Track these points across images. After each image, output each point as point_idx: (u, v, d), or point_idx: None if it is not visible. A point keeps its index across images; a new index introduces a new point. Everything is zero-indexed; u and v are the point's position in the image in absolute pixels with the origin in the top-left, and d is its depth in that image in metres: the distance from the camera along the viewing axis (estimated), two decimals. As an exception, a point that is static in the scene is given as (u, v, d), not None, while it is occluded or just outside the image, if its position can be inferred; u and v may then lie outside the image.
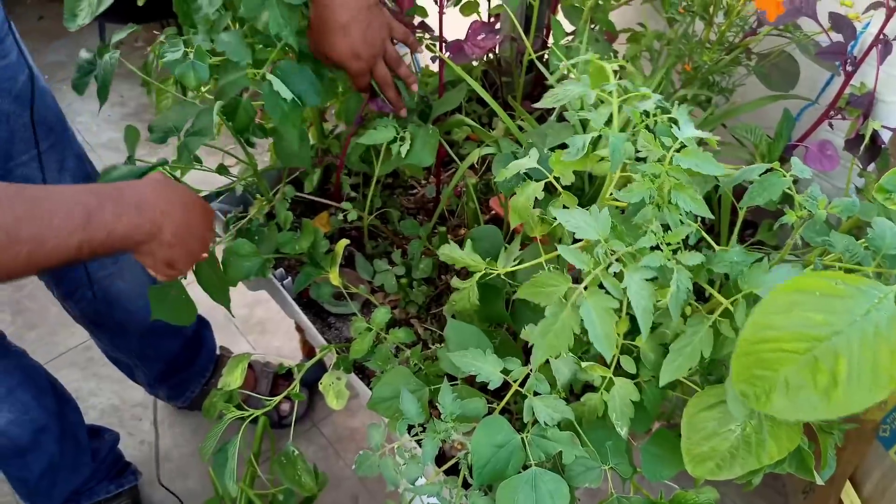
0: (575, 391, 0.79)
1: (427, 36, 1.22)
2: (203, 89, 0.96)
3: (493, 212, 1.12)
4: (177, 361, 1.46)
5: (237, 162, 1.01)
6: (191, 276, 0.86)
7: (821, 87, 1.14)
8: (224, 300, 0.93)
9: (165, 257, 0.74)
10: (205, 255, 0.82)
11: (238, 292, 1.78)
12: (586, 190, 0.92)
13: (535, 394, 0.69)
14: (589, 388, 0.73)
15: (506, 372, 0.69)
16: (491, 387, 0.68)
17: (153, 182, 0.75)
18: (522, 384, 0.70)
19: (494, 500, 0.64)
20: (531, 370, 0.69)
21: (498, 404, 0.73)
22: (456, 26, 1.12)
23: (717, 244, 0.72)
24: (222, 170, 0.93)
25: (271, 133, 0.95)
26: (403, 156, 0.93)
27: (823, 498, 1.10)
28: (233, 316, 1.08)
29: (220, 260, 0.92)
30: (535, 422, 0.68)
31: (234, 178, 1.01)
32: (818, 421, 0.86)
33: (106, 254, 0.68)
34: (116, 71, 0.87)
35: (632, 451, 0.77)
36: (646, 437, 0.78)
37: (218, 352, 1.57)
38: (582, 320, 0.58)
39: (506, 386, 0.70)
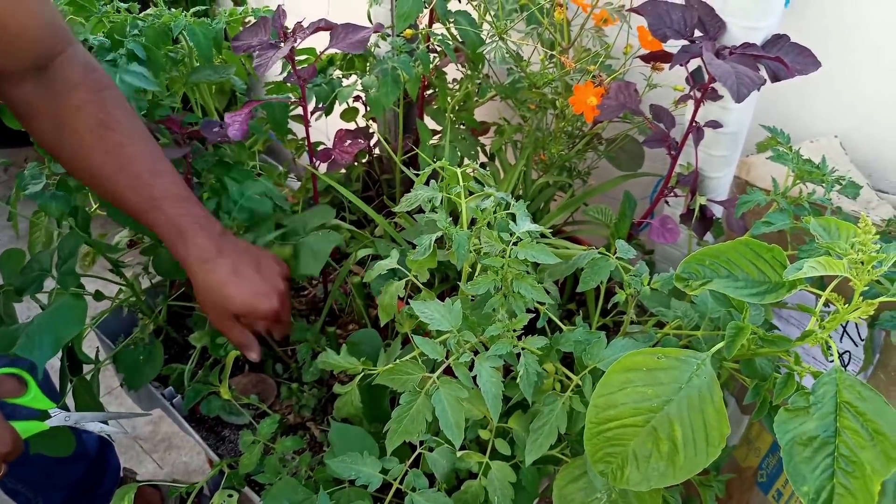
0: (461, 476, 0.82)
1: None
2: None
3: (381, 307, 1.16)
4: (79, 488, 1.40)
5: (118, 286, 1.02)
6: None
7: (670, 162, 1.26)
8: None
9: None
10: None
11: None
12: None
13: (415, 489, 0.71)
14: (473, 475, 0.76)
15: (385, 471, 0.72)
16: (371, 489, 0.71)
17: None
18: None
19: None
20: (408, 468, 0.72)
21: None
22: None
23: (587, 319, 0.78)
24: (99, 296, 0.93)
25: (150, 251, 0.97)
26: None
27: (721, 548, 1.15)
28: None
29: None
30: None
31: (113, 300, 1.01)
32: (696, 477, 0.92)
33: None
34: (4, 194, 0.88)
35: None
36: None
37: (122, 473, 1.52)
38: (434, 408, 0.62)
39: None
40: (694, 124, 0.86)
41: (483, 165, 1.28)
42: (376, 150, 1.39)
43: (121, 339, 1.04)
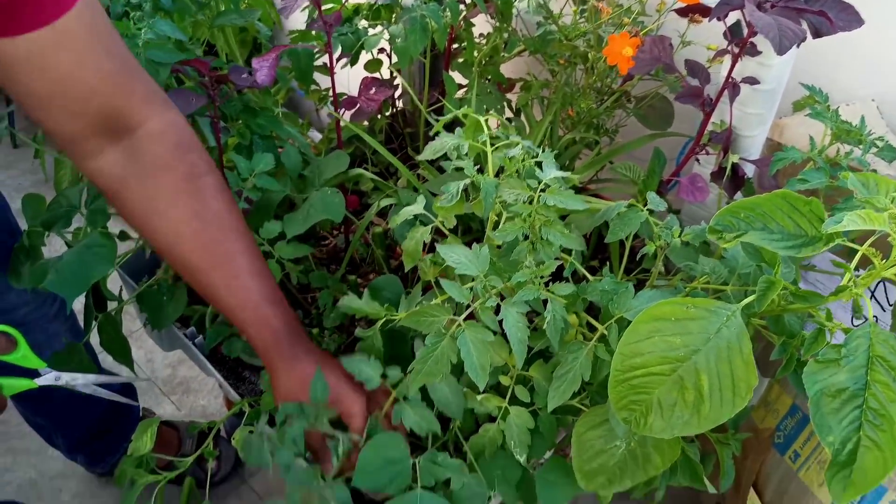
0: (479, 421, 0.83)
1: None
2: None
3: (401, 258, 1.16)
4: (99, 426, 1.43)
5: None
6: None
7: (698, 123, 1.24)
8: (126, 361, 0.93)
9: None
10: None
11: (160, 353, 1.78)
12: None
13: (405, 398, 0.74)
14: (492, 420, 0.77)
15: (385, 376, 0.75)
16: (369, 387, 0.74)
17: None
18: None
19: None
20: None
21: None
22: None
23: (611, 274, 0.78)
24: (123, 236, 0.94)
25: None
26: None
27: (733, 507, 1.16)
28: (136, 375, 1.09)
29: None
30: (427, 448, 0.72)
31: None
32: (713, 435, 0.92)
33: None
34: (27, 140, 0.88)
35: (533, 484, 0.81)
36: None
37: (141, 414, 1.54)
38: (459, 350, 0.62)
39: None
40: (730, 80, 0.85)
41: (509, 120, 1.27)
42: (399, 103, 1.38)
43: (144, 280, 1.05)
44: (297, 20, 0.94)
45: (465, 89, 1.22)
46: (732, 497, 1.17)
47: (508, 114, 1.26)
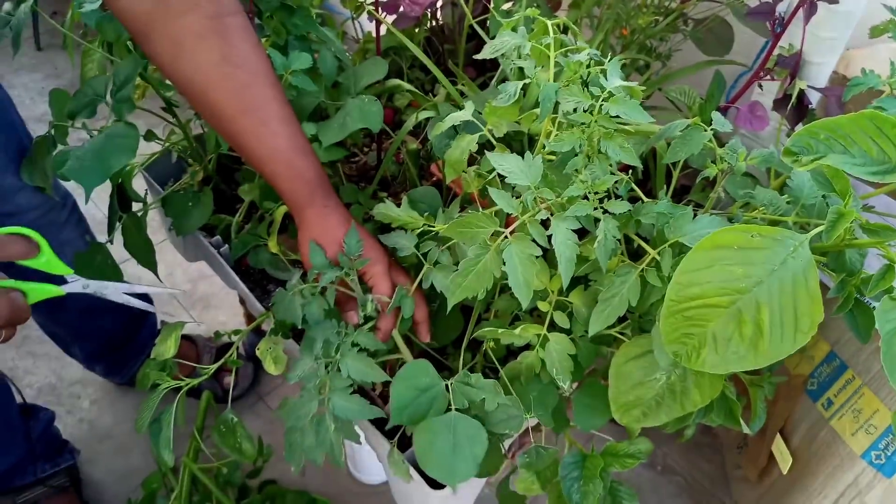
0: (513, 349, 0.80)
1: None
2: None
3: (435, 178, 1.12)
4: (116, 338, 1.43)
5: (167, 125, 0.98)
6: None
7: (756, 53, 1.16)
8: (150, 264, 0.91)
9: None
10: None
11: (181, 268, 1.77)
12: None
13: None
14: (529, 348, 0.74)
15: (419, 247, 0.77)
16: (399, 254, 0.77)
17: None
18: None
19: None
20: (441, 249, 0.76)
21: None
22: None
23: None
24: (150, 135, 0.90)
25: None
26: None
27: (756, 450, 1.14)
28: (160, 280, 1.07)
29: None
30: (457, 372, 0.70)
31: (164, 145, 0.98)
32: (747, 376, 0.89)
33: None
34: (50, 42, 0.84)
35: (565, 408, 0.79)
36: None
37: (159, 327, 1.54)
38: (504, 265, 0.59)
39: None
40: (807, -3, 0.78)
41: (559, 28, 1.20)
42: (439, 17, 1.31)
43: (170, 184, 1.02)
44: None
45: (511, 2, 1.15)
46: (757, 441, 1.15)
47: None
